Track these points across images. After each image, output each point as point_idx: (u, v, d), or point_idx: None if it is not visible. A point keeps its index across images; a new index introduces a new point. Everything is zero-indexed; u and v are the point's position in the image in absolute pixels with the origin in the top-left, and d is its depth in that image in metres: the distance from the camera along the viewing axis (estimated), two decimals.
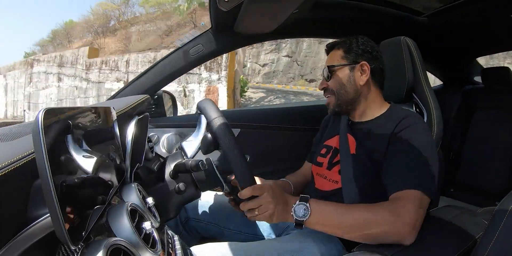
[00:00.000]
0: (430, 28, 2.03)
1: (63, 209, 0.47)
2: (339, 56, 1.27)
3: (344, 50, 1.27)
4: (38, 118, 0.46)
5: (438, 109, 1.28)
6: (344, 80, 1.25)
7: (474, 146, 2.73)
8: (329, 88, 1.28)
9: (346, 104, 1.27)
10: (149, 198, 0.89)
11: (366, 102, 1.28)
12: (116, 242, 0.58)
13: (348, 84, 1.25)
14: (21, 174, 0.49)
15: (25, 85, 16.40)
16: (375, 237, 0.95)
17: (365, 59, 1.25)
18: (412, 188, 0.99)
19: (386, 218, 0.93)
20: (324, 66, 1.30)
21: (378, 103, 1.29)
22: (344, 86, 1.25)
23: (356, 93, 1.26)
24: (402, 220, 0.92)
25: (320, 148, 1.41)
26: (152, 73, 1.72)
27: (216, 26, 1.67)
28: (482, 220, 1.13)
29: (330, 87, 1.28)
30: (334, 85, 1.27)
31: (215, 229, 1.40)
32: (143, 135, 1.28)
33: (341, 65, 1.26)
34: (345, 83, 1.25)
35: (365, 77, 1.25)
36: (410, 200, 0.96)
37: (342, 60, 1.26)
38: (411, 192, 0.98)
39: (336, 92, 1.27)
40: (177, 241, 0.90)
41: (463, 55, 2.70)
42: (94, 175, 0.68)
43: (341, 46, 1.28)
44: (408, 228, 0.92)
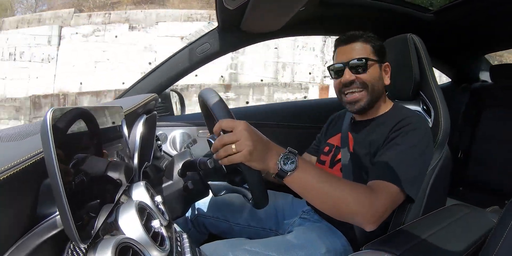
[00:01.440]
0: (437, 25, 2.01)
1: (72, 208, 0.48)
2: (369, 50, 1.22)
3: (372, 45, 1.22)
4: (46, 117, 0.46)
5: (445, 107, 1.27)
6: (377, 76, 1.22)
7: (483, 144, 2.70)
8: (359, 81, 1.20)
9: (374, 101, 1.24)
10: (157, 197, 0.90)
11: (379, 103, 1.28)
12: (125, 240, 0.58)
13: (380, 81, 1.23)
14: (30, 173, 0.50)
15: None
16: (342, 214, 0.95)
17: (387, 60, 1.25)
18: (392, 182, 0.99)
19: (361, 201, 0.93)
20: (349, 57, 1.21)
21: (385, 102, 1.29)
22: (377, 82, 1.22)
23: (382, 93, 1.25)
24: (374, 209, 0.93)
25: (323, 146, 1.42)
26: (159, 72, 1.73)
27: (223, 25, 1.67)
28: (491, 219, 1.12)
29: (362, 80, 1.20)
30: (368, 80, 1.20)
31: (224, 225, 1.41)
32: (151, 134, 1.29)
33: (374, 60, 1.21)
34: (378, 79, 1.22)
35: (388, 78, 1.25)
36: (386, 193, 0.98)
37: (374, 55, 1.22)
38: (390, 185, 0.99)
39: (370, 87, 1.21)
40: (185, 239, 0.90)
41: (471, 52, 2.67)
42: (103, 174, 0.69)
43: (368, 40, 1.23)
44: (375, 217, 0.94)
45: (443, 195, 1.37)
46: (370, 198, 0.94)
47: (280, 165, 0.87)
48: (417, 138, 1.09)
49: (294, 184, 0.91)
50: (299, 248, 1.11)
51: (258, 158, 0.85)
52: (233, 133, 0.84)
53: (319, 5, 1.59)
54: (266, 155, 0.86)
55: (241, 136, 0.83)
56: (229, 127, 0.85)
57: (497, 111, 2.67)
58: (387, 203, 0.96)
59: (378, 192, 0.97)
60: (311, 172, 0.91)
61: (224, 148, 0.85)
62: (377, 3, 1.78)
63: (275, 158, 0.87)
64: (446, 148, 1.27)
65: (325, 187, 0.91)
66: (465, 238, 0.99)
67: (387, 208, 0.97)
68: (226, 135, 0.85)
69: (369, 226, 0.95)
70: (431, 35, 1.98)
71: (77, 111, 0.57)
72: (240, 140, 0.83)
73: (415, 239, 0.97)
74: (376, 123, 1.24)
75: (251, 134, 0.84)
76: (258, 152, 0.84)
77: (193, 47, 1.73)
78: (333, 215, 0.96)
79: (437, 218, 1.16)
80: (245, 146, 0.83)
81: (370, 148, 1.18)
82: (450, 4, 1.85)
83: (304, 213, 1.35)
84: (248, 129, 0.85)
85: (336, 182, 0.93)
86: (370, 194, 0.95)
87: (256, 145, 0.84)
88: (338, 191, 0.92)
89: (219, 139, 0.86)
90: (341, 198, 0.92)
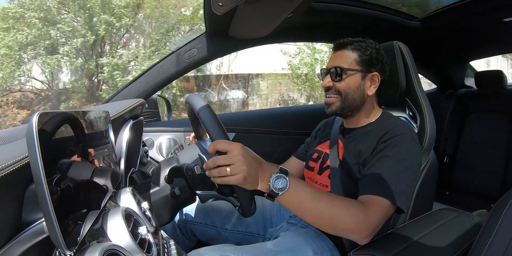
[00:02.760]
0: (423, 33, 2.05)
1: (58, 214, 0.47)
2: (352, 59, 1.23)
3: (359, 55, 1.23)
4: (32, 122, 0.46)
5: (430, 112, 1.28)
6: (354, 86, 1.22)
7: (469, 149, 2.76)
8: (335, 88, 1.24)
9: (348, 109, 1.25)
10: (144, 203, 0.89)
11: (364, 111, 1.28)
12: (111, 247, 0.57)
13: (357, 91, 1.23)
14: (15, 178, 0.49)
15: None
16: (337, 230, 0.96)
17: (377, 69, 1.24)
18: (384, 197, 1.00)
19: (356, 217, 0.93)
20: (332, 64, 1.24)
21: (373, 111, 1.30)
22: (353, 92, 1.22)
23: (361, 101, 1.25)
24: (368, 224, 0.94)
25: (312, 152, 1.42)
26: (146, 77, 1.72)
27: (211, 30, 1.67)
28: (478, 222, 1.14)
29: (337, 88, 1.23)
30: (343, 88, 1.22)
31: (212, 231, 1.40)
32: (138, 140, 1.28)
33: (354, 70, 1.22)
34: (355, 89, 1.23)
35: (374, 89, 1.24)
36: (379, 207, 0.98)
37: (356, 65, 1.22)
38: (382, 200, 1.00)
39: (343, 95, 1.23)
40: (172, 246, 0.89)
41: (456, 59, 2.73)
42: (89, 179, 0.68)
43: (356, 49, 1.23)
44: (368, 232, 0.94)
45: (430, 199, 1.38)
46: (364, 214, 0.94)
47: (271, 186, 0.87)
48: (406, 150, 1.10)
49: (287, 203, 0.91)
50: (286, 253, 1.11)
51: (251, 181, 0.85)
52: (228, 156, 0.84)
53: (307, 12, 1.60)
54: (258, 176, 0.87)
55: (237, 161, 0.83)
56: (224, 150, 0.85)
57: (481, 117, 2.74)
58: (380, 218, 0.97)
59: (371, 208, 0.97)
60: (303, 191, 0.91)
61: (218, 169, 0.84)
62: (364, 11, 1.80)
63: (267, 178, 0.88)
64: (432, 153, 1.29)
65: (318, 205, 0.91)
66: (452, 242, 1.00)
67: (380, 223, 0.97)
68: (221, 157, 0.84)
69: (364, 240, 0.96)
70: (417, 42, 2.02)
71: (63, 115, 0.57)
72: (235, 164, 0.83)
73: (403, 244, 0.98)
74: (365, 131, 1.25)
75: (246, 158, 0.84)
76: (252, 176, 0.85)
77: (180, 52, 1.72)
78: (329, 231, 0.98)
79: (424, 222, 1.17)
80: (240, 171, 0.82)
81: (359, 158, 1.18)
82: (435, 12, 1.89)
83: (291, 218, 1.35)
84: (244, 153, 0.85)
85: (329, 199, 0.93)
86: (363, 210, 0.95)
87: (250, 170, 0.84)
88: (332, 209, 0.92)
89: (214, 160, 0.85)
90: (335, 215, 0.92)
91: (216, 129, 0.91)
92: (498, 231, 0.79)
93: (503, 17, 1.79)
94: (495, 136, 2.62)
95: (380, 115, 1.29)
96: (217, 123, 0.91)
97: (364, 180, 1.10)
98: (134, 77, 1.75)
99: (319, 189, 0.97)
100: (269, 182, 0.87)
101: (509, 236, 0.76)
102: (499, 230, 0.78)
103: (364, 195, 1.03)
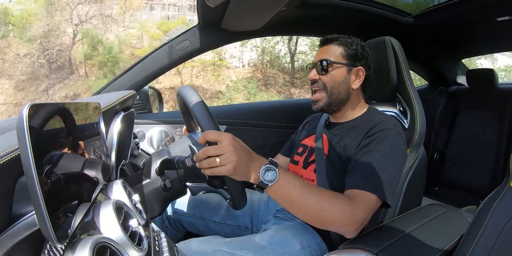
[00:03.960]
0: (416, 29, 2.06)
1: (49, 207, 0.46)
2: (338, 53, 1.25)
3: (345, 49, 1.25)
4: (22, 113, 0.45)
5: (421, 109, 1.30)
6: (340, 79, 1.24)
7: (459, 145, 2.80)
8: (321, 81, 1.26)
9: (334, 104, 1.27)
10: (135, 195, 0.89)
11: (350, 106, 1.30)
12: (102, 240, 0.57)
13: (342, 84, 1.25)
14: (5, 171, 0.48)
15: None
16: (324, 224, 0.96)
17: (362, 64, 1.26)
18: (369, 191, 1.01)
19: (343, 211, 0.94)
20: (318, 58, 1.27)
21: (358, 106, 1.31)
22: (338, 85, 1.24)
23: (346, 95, 1.26)
24: (355, 217, 0.95)
25: (297, 147, 1.43)
26: (138, 68, 1.71)
27: (203, 22, 1.66)
28: (467, 218, 1.16)
29: (323, 81, 1.25)
30: (328, 81, 1.24)
31: (200, 222, 1.41)
32: (129, 132, 1.27)
33: (340, 63, 1.24)
34: (340, 82, 1.25)
35: (359, 83, 1.26)
36: (365, 202, 1.00)
37: (342, 59, 1.25)
38: (368, 194, 1.01)
39: (329, 89, 1.25)
40: (163, 238, 0.89)
41: (449, 56, 2.76)
42: (80, 172, 0.67)
43: (342, 44, 1.26)
44: (356, 225, 0.95)
45: (419, 194, 1.40)
46: (350, 208, 0.95)
47: (261, 177, 0.88)
48: (391, 145, 1.11)
49: (276, 195, 0.91)
50: (274, 246, 1.12)
51: (241, 172, 0.86)
52: (218, 146, 0.84)
53: (300, 6, 1.59)
54: (248, 168, 0.87)
55: (227, 151, 0.83)
56: (214, 140, 0.85)
57: (472, 114, 2.78)
58: (366, 212, 0.98)
59: (357, 202, 0.98)
60: (292, 183, 0.92)
61: (208, 160, 0.85)
62: (358, 6, 1.80)
63: (257, 170, 0.88)
64: (422, 149, 1.30)
65: (306, 198, 0.92)
66: (441, 237, 1.02)
67: (367, 217, 0.99)
68: (211, 148, 0.84)
69: (351, 234, 0.98)
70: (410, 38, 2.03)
71: (54, 107, 0.56)
72: (225, 155, 0.83)
73: (392, 238, 0.99)
74: (350, 126, 1.27)
75: (236, 148, 0.84)
76: (241, 167, 0.85)
77: (172, 44, 1.71)
78: (315, 224, 0.98)
79: (413, 217, 1.19)
80: (230, 161, 0.83)
81: (344, 152, 1.20)
82: (429, 9, 1.90)
83: (278, 212, 1.36)
84: (234, 143, 0.85)
85: (317, 193, 0.94)
86: (350, 204, 0.96)
87: (240, 161, 0.84)
88: (320, 202, 0.93)
89: (204, 150, 0.85)
90: (323, 208, 0.93)
91: (207, 120, 0.90)
92: (486, 227, 0.80)
93: (497, 16, 1.81)
94: (485, 133, 2.66)
95: (366, 111, 1.31)
96: (208, 114, 0.91)
97: (349, 175, 1.11)
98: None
99: (308, 183, 0.97)
100: (259, 173, 0.88)
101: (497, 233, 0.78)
102: (487, 227, 0.80)
103: (350, 190, 1.05)
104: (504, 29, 2.00)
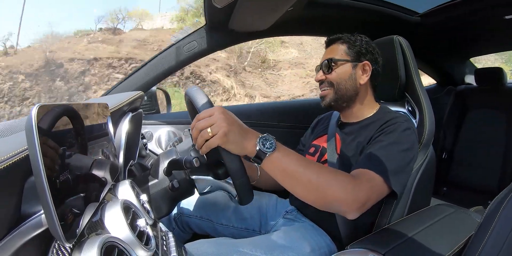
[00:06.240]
0: (423, 28, 2.04)
1: (57, 206, 0.47)
2: (342, 50, 1.26)
3: (348, 46, 1.26)
4: (31, 114, 0.46)
5: (430, 108, 1.29)
6: (345, 75, 1.25)
7: (467, 145, 2.77)
8: (327, 80, 1.27)
9: (342, 100, 1.27)
10: (143, 195, 0.89)
11: (360, 103, 1.29)
12: (110, 239, 0.58)
13: (349, 80, 1.25)
14: (14, 171, 0.49)
15: None
16: (325, 202, 0.94)
17: (367, 59, 1.26)
18: (373, 170, 1.00)
19: (343, 186, 0.92)
20: (323, 59, 1.29)
21: (370, 105, 1.31)
22: (344, 81, 1.25)
23: (354, 91, 1.26)
24: (356, 194, 0.93)
25: (309, 147, 1.43)
26: (146, 69, 1.72)
27: (211, 23, 1.66)
28: (475, 219, 1.14)
29: (329, 79, 1.27)
30: (334, 79, 1.26)
31: (207, 224, 1.41)
32: (137, 132, 1.28)
33: (344, 60, 1.25)
34: (346, 79, 1.25)
35: (366, 77, 1.26)
36: (368, 179, 0.99)
37: (346, 56, 1.26)
38: (371, 173, 1.00)
39: (335, 85, 1.26)
40: (171, 238, 0.90)
41: (457, 55, 2.73)
42: (88, 172, 0.68)
43: (345, 42, 1.27)
44: (357, 204, 0.93)
45: (427, 195, 1.39)
46: (352, 184, 0.94)
47: (259, 146, 0.87)
48: (400, 136, 1.11)
49: (274, 167, 0.90)
50: (283, 248, 1.11)
51: (235, 140, 0.85)
52: (208, 117, 0.85)
53: (307, 6, 1.59)
54: (242, 137, 0.86)
55: (216, 120, 0.84)
56: (205, 116, 0.86)
57: (480, 113, 2.75)
58: (369, 190, 0.96)
59: (360, 179, 0.97)
60: (291, 155, 0.91)
61: (200, 134, 0.86)
62: (365, 5, 1.80)
63: (253, 140, 0.87)
64: (430, 149, 1.29)
65: (306, 171, 0.90)
66: (449, 238, 1.01)
67: (370, 196, 0.96)
68: (202, 120, 0.86)
69: (351, 213, 0.95)
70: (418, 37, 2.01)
71: (62, 108, 0.56)
72: (215, 123, 0.84)
73: (400, 238, 0.99)
74: (362, 125, 1.26)
75: (226, 116, 0.85)
76: (234, 134, 0.85)
77: (180, 45, 1.72)
78: (314, 201, 0.94)
79: (421, 217, 1.18)
80: (219, 127, 0.83)
81: (357, 150, 1.19)
82: (436, 8, 1.88)
83: (287, 213, 1.35)
84: (223, 111, 0.86)
85: (317, 167, 0.93)
86: (352, 180, 0.95)
87: (231, 127, 0.84)
88: (320, 176, 0.91)
89: (196, 126, 0.87)
90: (323, 183, 0.91)
91: (202, 101, 0.91)
92: (495, 228, 0.79)
93: (505, 14, 1.79)
94: (493, 132, 2.63)
95: (377, 110, 1.30)
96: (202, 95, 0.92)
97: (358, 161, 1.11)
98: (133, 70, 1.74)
99: (306, 158, 0.96)
100: (257, 142, 0.87)
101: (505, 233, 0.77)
102: (495, 227, 0.79)
103: (354, 170, 1.04)
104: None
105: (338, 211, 0.99)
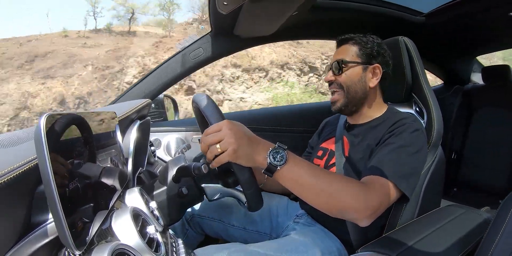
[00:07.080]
0: (428, 28, 2.03)
1: (67, 214, 0.47)
2: (353, 52, 1.25)
3: (360, 48, 1.25)
4: (40, 123, 0.46)
5: (437, 108, 1.28)
6: (356, 78, 1.24)
7: (476, 145, 2.74)
8: (337, 82, 1.26)
9: (352, 104, 1.26)
10: (152, 202, 0.90)
11: (368, 105, 1.29)
12: (120, 246, 0.58)
13: (358, 83, 1.24)
14: (24, 180, 0.49)
15: None
16: (336, 208, 0.92)
17: (378, 62, 1.25)
18: (384, 177, 0.99)
19: (355, 195, 0.91)
20: (334, 59, 1.27)
21: (378, 106, 1.30)
22: (354, 84, 1.24)
23: (363, 94, 1.26)
24: (368, 203, 0.92)
25: (317, 150, 1.42)
26: (153, 77, 1.73)
27: (216, 30, 1.67)
28: (487, 219, 1.13)
29: (339, 81, 1.25)
30: (344, 81, 1.24)
31: (219, 225, 1.40)
32: (145, 140, 1.28)
33: (355, 62, 1.24)
34: (356, 81, 1.24)
35: (376, 80, 1.25)
36: (380, 187, 0.97)
37: (357, 58, 1.24)
38: (382, 179, 0.99)
39: (345, 88, 1.24)
40: (181, 245, 0.90)
41: (463, 54, 2.71)
42: (97, 180, 0.68)
43: (357, 42, 1.26)
44: (369, 211, 0.92)
45: (437, 196, 1.37)
46: (364, 192, 0.93)
47: (269, 159, 0.86)
48: (410, 137, 1.10)
49: (286, 179, 0.89)
50: (293, 252, 1.10)
51: (245, 155, 0.85)
52: (216, 133, 0.85)
53: (312, 10, 1.59)
54: (253, 150, 0.86)
55: (224, 135, 0.83)
56: (214, 131, 0.86)
57: (488, 112, 2.72)
58: (381, 197, 0.96)
59: (372, 186, 0.96)
60: (302, 166, 0.90)
61: (209, 149, 0.85)
62: (369, 7, 1.79)
63: (264, 152, 0.87)
64: (439, 150, 1.28)
65: (317, 181, 0.89)
66: (460, 239, 1.00)
67: (382, 203, 0.96)
68: (210, 136, 0.85)
69: (364, 221, 0.94)
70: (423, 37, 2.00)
71: (70, 117, 0.57)
72: (223, 140, 0.83)
73: (411, 241, 0.98)
74: (371, 127, 1.25)
75: (233, 131, 0.84)
76: (243, 149, 0.84)
77: (186, 52, 1.73)
78: (327, 210, 0.94)
79: (432, 219, 1.16)
80: (228, 144, 0.82)
81: (366, 152, 1.18)
82: (441, 7, 1.87)
83: (298, 217, 1.35)
84: (231, 127, 0.85)
85: (329, 176, 0.92)
86: (364, 188, 0.94)
87: (240, 142, 0.83)
88: (331, 185, 0.90)
89: (203, 141, 0.86)
90: (335, 192, 0.90)
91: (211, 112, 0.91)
92: (506, 228, 0.78)
93: (509, 11, 1.77)
94: (502, 131, 2.60)
95: (385, 111, 1.29)
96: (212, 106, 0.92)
97: (366, 166, 1.10)
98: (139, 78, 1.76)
99: (318, 166, 0.96)
100: (267, 155, 0.86)
101: None
102: (507, 227, 0.78)
103: (365, 177, 1.03)
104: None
105: (350, 219, 0.98)
